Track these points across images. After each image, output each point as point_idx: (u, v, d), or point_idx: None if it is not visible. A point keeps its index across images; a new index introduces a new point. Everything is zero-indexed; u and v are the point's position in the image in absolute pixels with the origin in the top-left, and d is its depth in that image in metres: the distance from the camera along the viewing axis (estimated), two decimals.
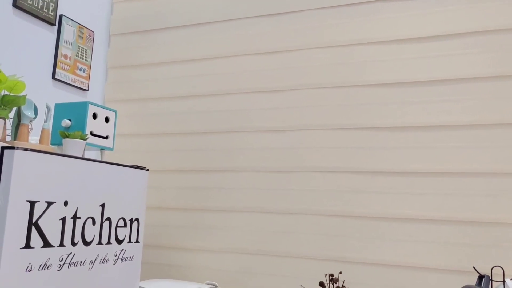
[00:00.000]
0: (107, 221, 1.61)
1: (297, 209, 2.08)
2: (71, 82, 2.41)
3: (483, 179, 1.80)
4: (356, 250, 1.95)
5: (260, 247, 2.12)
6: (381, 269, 1.90)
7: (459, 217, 1.81)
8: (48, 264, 1.37)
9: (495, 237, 1.75)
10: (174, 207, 2.33)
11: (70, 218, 1.45)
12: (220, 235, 2.21)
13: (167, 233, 2.32)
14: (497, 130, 1.81)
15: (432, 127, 1.91)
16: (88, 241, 1.52)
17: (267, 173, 2.16)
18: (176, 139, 2.39)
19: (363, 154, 2.00)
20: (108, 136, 1.85)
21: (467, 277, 1.78)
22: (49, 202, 1.38)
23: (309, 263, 2.02)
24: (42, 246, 1.35)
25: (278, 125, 2.18)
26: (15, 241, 1.27)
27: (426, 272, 1.83)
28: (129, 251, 1.72)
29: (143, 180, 1.82)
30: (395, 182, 1.93)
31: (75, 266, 1.46)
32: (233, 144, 2.26)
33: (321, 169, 2.06)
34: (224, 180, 2.25)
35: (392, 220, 1.91)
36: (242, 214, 2.18)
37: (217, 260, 2.20)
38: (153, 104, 2.49)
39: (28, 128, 1.55)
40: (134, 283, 1.75)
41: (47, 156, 1.37)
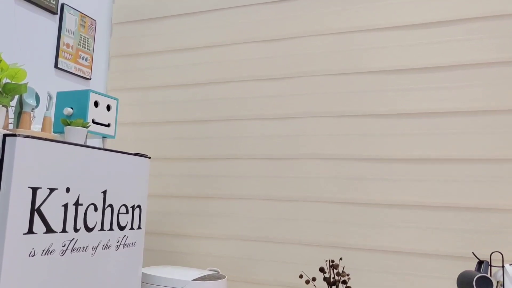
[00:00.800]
0: (109, 208, 1.63)
1: (298, 196, 2.09)
2: (73, 71, 2.42)
3: (483, 165, 1.80)
4: (356, 236, 1.97)
5: (262, 234, 2.13)
6: (381, 255, 1.92)
7: (459, 203, 1.82)
8: (51, 250, 1.39)
9: (495, 223, 1.76)
10: (176, 195, 2.35)
11: (72, 205, 1.47)
12: (222, 222, 2.23)
13: (169, 220, 2.35)
14: (498, 116, 1.81)
15: (433, 113, 1.90)
16: (90, 227, 1.55)
17: (268, 161, 2.17)
18: (178, 127, 2.41)
19: (363, 141, 2.00)
20: (110, 124, 1.86)
21: (467, 262, 1.79)
22: (51, 189, 1.39)
23: (310, 250, 2.04)
24: (44, 232, 1.37)
25: (279, 113, 2.18)
26: (18, 226, 1.29)
27: (426, 258, 1.84)
28: (132, 238, 1.74)
29: (145, 168, 1.83)
30: (395, 169, 1.94)
31: (77, 251, 1.49)
32: (234, 131, 2.26)
33: (321, 156, 2.07)
34: (225, 167, 2.26)
35: (392, 207, 1.92)
36: (243, 201, 2.20)
37: (219, 246, 2.22)
38: (155, 92, 2.50)
39: (30, 116, 1.56)
40: (137, 269, 1.77)
41: (48, 143, 1.39)
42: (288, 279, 2.06)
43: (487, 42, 1.85)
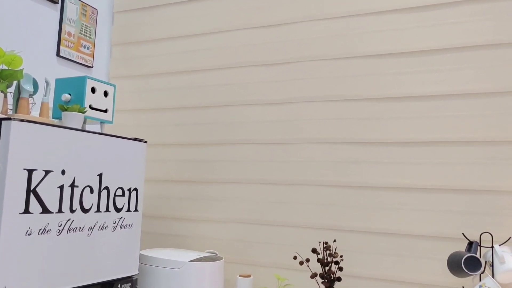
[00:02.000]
0: (105, 190, 1.69)
1: (294, 180, 2.12)
2: (75, 59, 2.47)
3: (476, 148, 1.81)
4: (350, 218, 1.99)
5: (258, 217, 2.17)
6: (374, 237, 1.94)
7: (451, 186, 1.83)
8: (47, 229, 1.45)
9: (486, 205, 1.77)
10: (175, 180, 2.40)
11: (68, 187, 1.53)
12: (220, 206, 2.27)
13: (169, 204, 2.40)
14: (490, 98, 1.81)
15: (427, 96, 1.91)
16: (87, 209, 1.60)
17: (265, 145, 2.20)
18: (177, 114, 2.45)
19: (359, 124, 2.02)
20: (107, 110, 1.91)
21: (458, 244, 1.80)
22: (46, 171, 1.45)
23: (305, 232, 2.07)
24: (41, 212, 1.43)
25: (276, 98, 2.21)
26: (14, 206, 1.35)
27: (418, 239, 1.87)
28: (128, 219, 1.80)
29: (141, 152, 1.88)
30: (390, 152, 1.95)
31: (74, 231, 1.55)
32: (232, 117, 2.30)
33: (318, 140, 2.10)
34: (223, 152, 2.30)
35: (386, 189, 1.94)
36: (241, 185, 2.24)
37: (217, 229, 2.27)
38: (156, 79, 2.54)
39: (27, 101, 1.62)
40: (134, 250, 1.83)
41: (43, 127, 1.44)
42: (284, 261, 2.10)
43: (480, 24, 1.84)
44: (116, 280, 1.73)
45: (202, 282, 1.94)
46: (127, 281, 1.79)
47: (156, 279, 1.95)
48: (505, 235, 1.73)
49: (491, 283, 1.56)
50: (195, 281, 1.92)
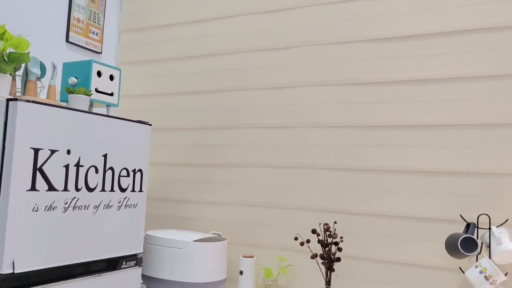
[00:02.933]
0: (110, 170, 1.74)
1: (296, 163, 2.15)
2: (84, 45, 2.53)
3: (476, 131, 1.82)
4: (351, 201, 2.02)
5: (262, 200, 2.22)
6: (374, 219, 1.97)
7: (451, 168, 1.84)
8: (53, 206, 1.51)
9: (485, 187, 1.78)
10: (181, 163, 2.45)
11: (73, 166, 1.58)
12: (224, 189, 2.32)
13: (175, 187, 2.46)
14: (490, 81, 1.81)
15: (428, 80, 1.92)
16: (92, 188, 1.66)
17: (268, 129, 2.24)
18: (183, 98, 2.49)
19: (360, 108, 2.04)
20: (113, 93, 1.96)
21: (457, 226, 1.82)
22: (52, 150, 1.50)
23: (307, 214, 2.11)
24: (47, 189, 1.49)
25: (279, 82, 2.23)
26: (21, 183, 1.41)
27: (417, 221, 1.89)
28: (133, 199, 1.85)
29: (146, 134, 1.93)
30: (390, 136, 1.97)
31: (79, 209, 1.61)
32: (236, 101, 2.33)
33: (319, 124, 2.12)
34: (227, 136, 2.34)
35: (386, 172, 1.96)
36: (245, 168, 2.28)
37: (222, 212, 2.32)
38: (163, 65, 2.58)
39: (35, 84, 1.67)
40: (139, 229, 1.88)
41: (49, 108, 1.49)
42: (286, 242, 2.14)
43: (482, 7, 1.84)
44: (121, 258, 1.79)
45: (205, 261, 1.99)
46: (132, 259, 1.85)
47: (161, 258, 2.01)
48: (503, 217, 1.74)
49: (487, 263, 1.58)
50: (198, 260, 1.98)
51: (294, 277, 2.11)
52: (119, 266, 1.78)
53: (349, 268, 2.00)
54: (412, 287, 1.87)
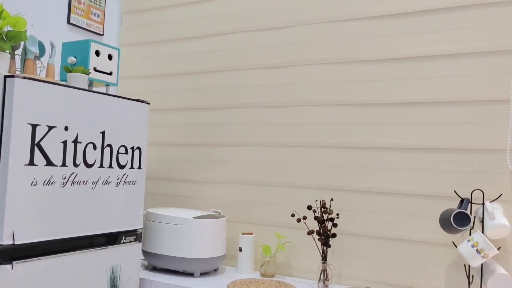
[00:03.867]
0: (108, 148, 1.78)
1: (294, 142, 2.17)
2: (86, 26, 2.55)
3: (470, 107, 1.81)
4: (347, 178, 2.04)
5: (260, 178, 2.24)
6: (371, 196, 1.99)
7: (446, 145, 1.85)
8: (52, 181, 1.55)
9: (480, 163, 1.79)
10: (182, 143, 2.49)
11: (71, 142, 1.62)
12: (224, 168, 2.35)
13: (176, 166, 2.49)
14: (486, 58, 1.80)
15: (424, 57, 1.91)
16: (90, 164, 1.70)
17: (266, 108, 2.25)
18: (184, 79, 2.51)
19: (356, 86, 2.04)
20: (112, 72, 1.98)
21: (451, 201, 1.83)
22: (49, 126, 1.54)
23: (304, 192, 2.13)
24: (45, 164, 1.53)
25: (278, 61, 2.24)
26: (19, 158, 1.45)
27: (412, 198, 1.90)
28: (132, 176, 1.89)
29: (144, 113, 1.96)
30: (386, 113, 1.98)
31: (78, 184, 1.65)
32: (235, 81, 2.35)
33: (317, 102, 2.13)
34: (227, 116, 2.36)
35: (381, 150, 1.97)
36: (244, 148, 2.30)
37: (221, 190, 2.35)
38: (164, 46, 2.60)
39: (33, 62, 1.70)
40: (138, 206, 1.92)
41: (46, 85, 1.53)
42: (284, 220, 2.17)
43: None
44: (121, 233, 1.84)
45: (204, 238, 2.03)
46: (131, 234, 1.89)
47: (160, 234, 2.05)
48: (497, 193, 1.74)
49: (479, 237, 1.59)
50: (196, 236, 2.02)
51: (292, 253, 2.14)
52: (119, 240, 1.83)
53: (346, 245, 2.03)
54: (407, 263, 1.89)
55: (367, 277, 1.98)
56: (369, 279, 1.97)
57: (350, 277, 2.01)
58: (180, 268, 2.03)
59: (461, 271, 1.80)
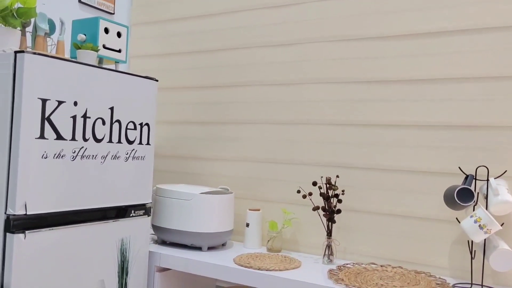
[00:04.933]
0: (117, 123, 1.82)
1: (301, 119, 2.19)
2: (97, 5, 2.58)
3: (475, 84, 1.80)
4: (353, 156, 2.05)
5: (268, 155, 2.27)
6: (375, 172, 2.00)
7: (451, 122, 1.84)
8: (62, 154, 1.60)
9: (484, 140, 1.78)
10: (192, 121, 2.52)
11: (80, 117, 1.66)
12: (232, 146, 2.38)
13: (185, 144, 2.53)
14: (492, 34, 1.78)
15: (430, 34, 1.90)
16: (99, 139, 1.74)
17: (274, 86, 2.27)
18: (193, 58, 2.53)
19: (362, 64, 2.04)
20: (121, 50, 2.01)
21: (456, 178, 1.83)
22: (59, 101, 1.58)
23: (311, 169, 2.15)
24: (55, 138, 1.57)
25: (285, 39, 2.24)
26: (30, 132, 1.50)
27: (417, 175, 1.91)
28: (140, 152, 1.93)
29: (153, 90, 1.99)
30: (392, 90, 1.97)
31: (87, 158, 1.69)
32: (243, 59, 2.36)
33: (323, 80, 2.14)
34: (235, 94, 2.38)
35: (388, 127, 1.98)
36: (252, 125, 2.32)
37: (230, 168, 2.38)
38: (173, 25, 2.61)
39: (43, 39, 1.74)
40: (147, 181, 1.97)
41: (55, 60, 1.56)
42: (291, 196, 2.20)
43: None
44: (130, 206, 1.89)
45: (211, 213, 2.07)
46: (140, 208, 1.94)
47: (169, 209, 2.10)
48: (502, 169, 1.74)
49: (482, 213, 1.59)
50: (204, 211, 2.06)
51: (298, 229, 2.18)
52: (128, 214, 1.88)
53: (351, 221, 2.05)
54: (411, 239, 1.91)
55: (372, 253, 2.00)
56: (374, 255, 2.00)
57: (355, 252, 2.04)
58: (188, 242, 2.08)
59: (465, 247, 1.81)
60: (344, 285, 1.64)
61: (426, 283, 1.67)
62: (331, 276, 1.73)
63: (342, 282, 1.65)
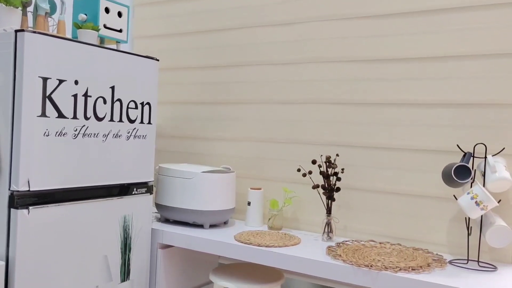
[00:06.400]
0: (118, 102, 1.84)
1: (302, 99, 2.19)
2: None
3: (474, 62, 1.79)
4: (353, 134, 2.06)
5: (269, 135, 2.28)
6: (375, 151, 2.01)
7: (451, 100, 1.84)
8: (63, 132, 1.63)
9: (482, 118, 1.78)
10: (195, 101, 2.54)
11: (82, 96, 1.69)
12: (234, 125, 2.40)
13: (188, 124, 2.55)
14: (493, 11, 1.76)
15: (430, 11, 1.88)
16: (100, 117, 1.77)
17: (275, 66, 2.27)
18: (195, 38, 2.54)
19: (362, 43, 2.03)
20: (122, 30, 2.03)
21: (455, 156, 1.84)
22: (60, 80, 1.61)
23: (312, 148, 2.17)
24: (57, 116, 1.60)
25: (285, 18, 2.24)
26: (32, 110, 1.52)
27: (416, 153, 1.91)
28: (142, 131, 1.96)
29: (154, 69, 2.00)
30: (392, 69, 1.97)
31: (89, 136, 1.72)
32: (245, 39, 2.36)
33: (323, 59, 2.13)
34: (237, 74, 2.39)
35: (387, 106, 1.98)
36: (253, 105, 2.34)
37: (232, 147, 2.41)
38: (176, 5, 2.62)
39: (44, 18, 1.76)
40: (149, 159, 2.00)
41: (54, 39, 1.58)
42: (292, 175, 2.22)
43: None
44: (132, 184, 1.92)
45: (213, 191, 2.10)
46: (143, 186, 1.98)
47: (171, 187, 2.13)
48: (500, 147, 1.74)
49: (479, 190, 1.60)
50: (205, 190, 2.09)
51: (298, 207, 2.20)
52: (130, 192, 1.92)
53: (351, 199, 2.07)
54: (410, 217, 1.93)
55: (371, 230, 2.02)
56: (373, 232, 2.02)
57: (354, 230, 2.07)
58: (190, 219, 2.12)
59: (462, 224, 1.82)
60: (341, 260, 1.66)
61: (423, 259, 1.69)
62: (329, 252, 1.75)
63: (340, 258, 1.68)
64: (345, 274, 1.61)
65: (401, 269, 1.57)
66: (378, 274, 1.56)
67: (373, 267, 1.58)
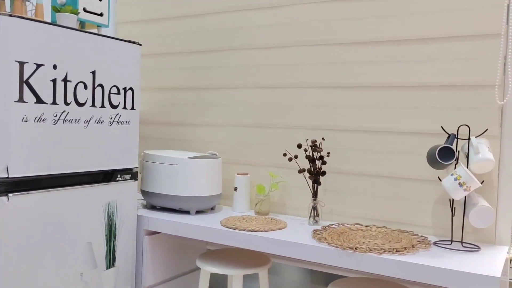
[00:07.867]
0: (100, 87, 1.81)
1: (287, 83, 2.18)
2: None
3: (460, 43, 1.78)
4: (339, 118, 2.05)
5: (255, 120, 2.27)
6: (361, 134, 2.00)
7: (434, 82, 1.83)
8: (43, 118, 1.60)
9: (467, 99, 1.78)
10: (179, 87, 2.51)
11: (61, 81, 1.66)
12: (219, 111, 2.38)
13: (173, 110, 2.53)
14: None
15: None
16: (81, 103, 1.74)
17: (260, 50, 2.24)
18: (178, 23, 2.50)
19: (348, 25, 2.01)
20: (103, 14, 1.99)
21: (440, 138, 1.84)
22: (37, 64, 1.57)
23: (298, 132, 2.16)
24: (35, 102, 1.57)
25: (270, 2, 2.21)
26: (8, 95, 1.49)
27: (402, 135, 1.91)
28: (125, 116, 1.93)
29: (136, 54, 1.97)
30: (375, 52, 1.95)
31: (70, 122, 1.69)
32: (229, 23, 2.33)
33: (309, 43, 2.11)
34: (222, 59, 2.36)
35: (372, 89, 1.97)
36: (238, 90, 2.31)
37: (218, 133, 2.39)
38: None
39: (21, 3, 1.71)
40: (133, 145, 1.97)
41: (32, 23, 1.55)
42: (278, 160, 2.21)
43: None
44: (116, 170, 1.90)
45: (198, 177, 2.08)
46: (127, 173, 1.96)
47: (156, 174, 2.12)
48: (483, 128, 1.74)
49: (462, 171, 1.60)
50: (190, 176, 2.07)
51: (285, 192, 2.20)
52: (114, 178, 1.90)
53: (337, 183, 2.07)
54: (395, 199, 1.93)
55: (357, 214, 2.02)
56: (359, 215, 2.02)
57: (341, 214, 2.07)
58: (176, 206, 2.10)
59: (447, 206, 1.83)
60: (326, 243, 1.66)
61: (408, 241, 1.70)
62: (315, 236, 1.75)
63: (325, 241, 1.68)
64: (330, 257, 1.61)
65: (386, 251, 1.57)
66: (362, 256, 1.56)
67: (357, 250, 1.58)
